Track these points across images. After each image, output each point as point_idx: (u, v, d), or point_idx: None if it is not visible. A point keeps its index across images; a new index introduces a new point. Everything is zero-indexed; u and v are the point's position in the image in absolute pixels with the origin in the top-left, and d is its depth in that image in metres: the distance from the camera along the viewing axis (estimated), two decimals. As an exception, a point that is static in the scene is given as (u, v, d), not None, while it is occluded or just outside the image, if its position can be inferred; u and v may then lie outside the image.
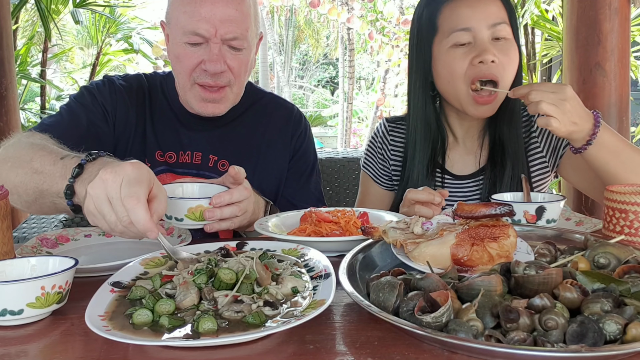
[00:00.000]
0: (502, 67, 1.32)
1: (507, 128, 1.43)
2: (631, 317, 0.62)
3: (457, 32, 1.32)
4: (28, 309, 0.74)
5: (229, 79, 1.35)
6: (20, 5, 3.44)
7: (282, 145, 1.53)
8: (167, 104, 1.48)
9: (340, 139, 9.69)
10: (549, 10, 4.07)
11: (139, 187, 0.87)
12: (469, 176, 1.49)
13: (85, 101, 1.39)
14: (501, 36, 1.33)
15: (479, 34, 1.31)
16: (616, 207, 1.03)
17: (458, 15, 1.33)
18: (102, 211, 0.88)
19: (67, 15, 4.09)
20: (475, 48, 1.32)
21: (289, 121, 1.57)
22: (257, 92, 1.59)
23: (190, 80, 1.34)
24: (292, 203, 1.51)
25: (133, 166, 0.89)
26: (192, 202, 1.06)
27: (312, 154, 1.61)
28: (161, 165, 1.43)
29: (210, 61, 1.30)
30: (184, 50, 1.32)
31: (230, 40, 1.31)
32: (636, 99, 3.46)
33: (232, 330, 0.66)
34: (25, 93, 4.33)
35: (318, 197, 1.57)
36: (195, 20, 1.28)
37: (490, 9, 1.32)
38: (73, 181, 0.98)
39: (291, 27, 17.41)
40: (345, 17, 7.48)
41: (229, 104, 1.41)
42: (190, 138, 1.44)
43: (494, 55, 1.30)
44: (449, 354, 0.63)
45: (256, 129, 1.52)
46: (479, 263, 0.81)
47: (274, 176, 1.51)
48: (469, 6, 1.32)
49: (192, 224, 1.07)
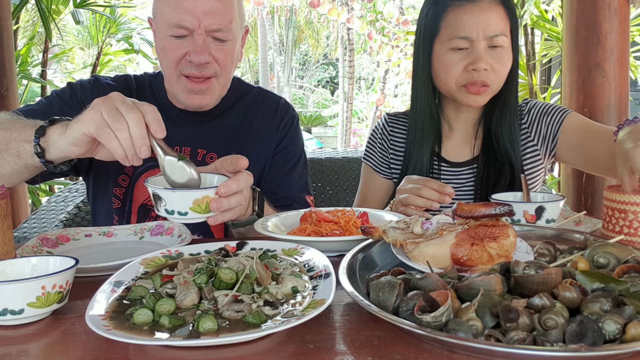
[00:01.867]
0: (494, 73, 1.41)
1: (499, 119, 1.50)
2: (630, 317, 0.62)
3: (457, 39, 1.40)
4: (29, 308, 0.74)
5: (214, 70, 1.36)
6: (21, 5, 3.44)
7: (268, 134, 1.55)
8: (156, 101, 1.49)
9: (340, 139, 9.69)
10: (548, 11, 4.07)
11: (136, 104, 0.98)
12: (463, 163, 1.56)
13: (65, 95, 1.42)
14: (498, 45, 1.40)
15: (476, 43, 1.39)
16: (615, 207, 1.03)
17: (460, 22, 1.40)
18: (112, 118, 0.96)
19: (68, 16, 4.10)
20: (471, 55, 1.40)
21: (276, 111, 1.58)
22: (245, 86, 1.60)
23: (177, 72, 1.36)
24: (273, 191, 1.51)
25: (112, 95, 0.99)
26: (197, 193, 0.97)
27: (299, 145, 1.62)
28: (150, 160, 1.43)
29: (194, 52, 1.31)
30: (169, 42, 1.33)
31: (214, 32, 1.32)
32: (636, 99, 3.46)
33: (233, 329, 0.67)
34: (26, 93, 4.33)
35: (303, 186, 1.57)
36: (179, 12, 1.29)
37: (492, 20, 1.39)
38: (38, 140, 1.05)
39: (291, 27, 17.42)
40: (345, 17, 7.49)
41: (215, 95, 1.41)
42: (179, 134, 1.44)
43: (487, 63, 1.38)
44: (448, 353, 0.63)
45: (244, 121, 1.53)
46: (478, 263, 0.82)
47: (258, 164, 1.52)
48: (472, 14, 1.39)
49: (196, 217, 0.99)
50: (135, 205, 1.45)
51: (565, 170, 2.79)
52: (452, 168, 1.56)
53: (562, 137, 1.47)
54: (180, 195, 0.97)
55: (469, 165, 1.55)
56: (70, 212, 1.96)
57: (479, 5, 1.39)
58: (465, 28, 1.39)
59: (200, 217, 0.99)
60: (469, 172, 1.55)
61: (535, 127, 1.53)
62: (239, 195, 1.03)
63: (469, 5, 1.39)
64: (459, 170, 1.56)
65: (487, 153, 1.52)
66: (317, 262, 0.87)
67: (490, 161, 1.50)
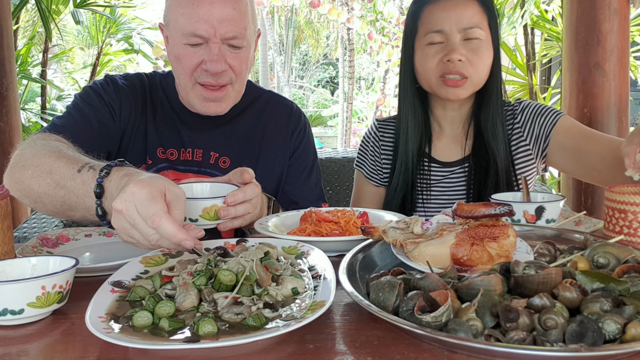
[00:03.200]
0: (470, 65, 1.43)
1: (487, 118, 1.51)
2: (630, 317, 0.62)
3: (432, 33, 1.45)
4: (29, 308, 0.74)
5: (230, 78, 1.35)
6: (21, 5, 3.44)
7: (282, 142, 1.54)
8: (168, 102, 1.49)
9: (340, 139, 9.68)
10: (548, 11, 4.07)
11: (154, 204, 0.86)
12: (454, 163, 1.56)
13: (93, 101, 1.40)
14: (473, 37, 1.43)
15: (450, 36, 1.43)
16: (615, 207, 1.03)
17: (434, 18, 1.45)
18: (134, 237, 0.90)
19: (68, 16, 4.10)
20: (446, 47, 1.43)
21: (289, 118, 1.58)
22: (257, 90, 1.60)
23: (192, 80, 1.35)
24: (292, 200, 1.51)
25: (139, 185, 0.87)
26: (206, 202, 1.06)
27: (312, 150, 1.63)
28: (163, 162, 1.43)
29: (210, 61, 1.31)
30: (184, 51, 1.32)
31: (230, 40, 1.32)
32: (635, 99, 3.46)
33: (232, 332, 0.66)
34: (26, 93, 4.34)
35: (319, 194, 1.59)
36: (194, 21, 1.28)
37: (464, 14, 1.42)
38: (100, 202, 0.99)
39: (291, 27, 17.42)
40: (345, 17, 7.49)
41: (230, 102, 1.41)
42: (191, 136, 1.45)
43: (461, 54, 1.41)
44: (448, 353, 0.63)
45: (256, 127, 1.53)
46: (478, 263, 0.81)
47: (274, 173, 1.52)
48: (445, 10, 1.44)
49: (206, 224, 1.07)
50: None
51: (565, 170, 2.79)
52: (442, 168, 1.56)
53: (554, 138, 1.48)
54: (190, 203, 1.04)
55: (460, 165, 1.55)
56: (70, 212, 1.96)
57: (452, 0, 1.43)
58: (438, 22, 1.43)
59: (210, 224, 1.08)
60: (460, 172, 1.55)
61: (529, 128, 1.53)
62: (246, 204, 1.10)
63: (442, 1, 1.44)
64: (449, 170, 1.56)
65: (477, 152, 1.52)
66: (317, 263, 0.87)
67: (481, 161, 1.50)
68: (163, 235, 0.85)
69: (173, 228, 0.84)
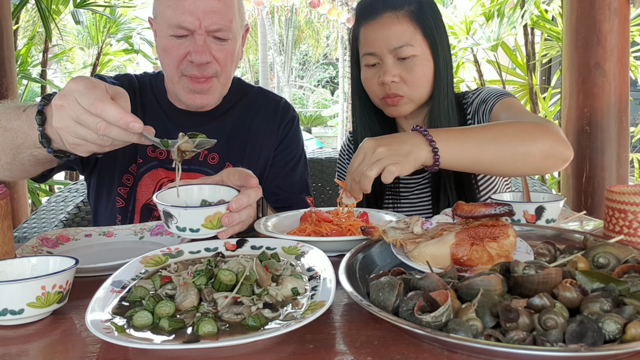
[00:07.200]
0: (406, 84, 1.41)
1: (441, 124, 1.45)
2: (630, 317, 0.62)
3: (366, 56, 1.44)
4: (28, 308, 0.74)
5: (215, 70, 1.36)
6: (21, 5, 3.44)
7: (268, 134, 1.55)
8: (156, 101, 1.50)
9: (340, 139, 9.71)
10: (548, 11, 4.07)
11: (95, 91, 0.86)
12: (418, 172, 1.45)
13: None
14: (405, 56, 1.39)
15: (383, 57, 1.41)
16: (615, 207, 1.03)
17: (367, 40, 1.44)
18: (80, 134, 0.88)
19: (68, 16, 4.10)
20: (382, 69, 1.42)
21: (277, 112, 1.59)
22: (245, 86, 1.61)
23: (178, 72, 1.36)
24: (274, 192, 1.51)
25: (76, 80, 0.88)
26: (209, 210, 0.98)
27: (300, 145, 1.63)
28: (153, 160, 1.44)
29: (195, 52, 1.32)
30: (170, 42, 1.34)
31: (215, 32, 1.33)
32: (635, 99, 3.47)
33: (232, 333, 0.66)
34: (26, 93, 4.33)
35: (303, 187, 1.58)
36: (180, 13, 1.30)
37: (393, 34, 1.39)
38: (42, 129, 0.98)
39: (291, 27, 17.42)
40: (345, 17, 7.49)
41: (216, 94, 1.42)
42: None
43: (393, 75, 1.40)
44: (448, 353, 0.63)
45: (244, 122, 1.54)
46: (478, 263, 0.81)
47: (260, 164, 1.52)
48: (372, 31, 1.42)
49: (208, 233, 1.00)
50: (139, 204, 1.46)
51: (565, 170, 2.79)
52: (407, 180, 1.54)
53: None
54: (192, 213, 0.97)
55: (422, 174, 1.53)
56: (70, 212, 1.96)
57: (378, 21, 1.41)
58: (370, 44, 1.42)
59: (212, 233, 1.01)
60: (426, 183, 1.53)
61: (476, 118, 1.46)
62: (249, 208, 1.04)
63: (371, 23, 1.42)
64: (416, 180, 1.54)
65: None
66: (317, 263, 0.87)
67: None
68: (109, 120, 0.84)
69: (118, 110, 0.83)
